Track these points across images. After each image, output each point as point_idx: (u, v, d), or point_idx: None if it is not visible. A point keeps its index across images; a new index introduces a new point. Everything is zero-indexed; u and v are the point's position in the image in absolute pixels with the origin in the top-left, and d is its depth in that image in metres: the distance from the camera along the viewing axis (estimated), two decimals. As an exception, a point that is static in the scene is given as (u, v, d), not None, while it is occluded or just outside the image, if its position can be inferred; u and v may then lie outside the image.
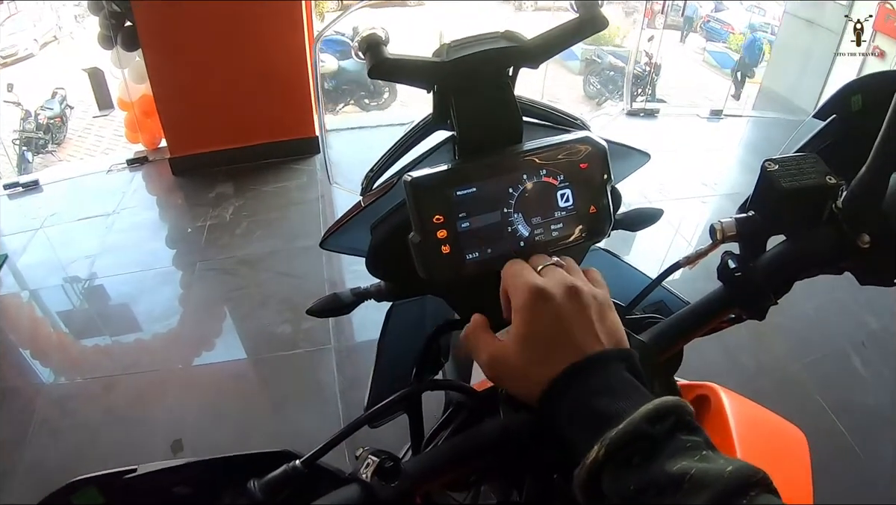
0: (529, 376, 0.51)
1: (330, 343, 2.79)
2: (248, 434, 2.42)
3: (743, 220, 0.62)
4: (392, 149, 0.76)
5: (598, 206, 0.64)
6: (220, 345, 2.98)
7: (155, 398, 2.64)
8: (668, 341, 0.64)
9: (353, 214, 0.74)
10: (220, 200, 4.07)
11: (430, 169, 0.60)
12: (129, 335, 3.07)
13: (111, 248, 3.69)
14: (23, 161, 8.31)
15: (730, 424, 0.78)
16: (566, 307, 0.52)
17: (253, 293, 3.22)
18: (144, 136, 4.95)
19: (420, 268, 0.61)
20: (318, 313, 0.83)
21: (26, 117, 8.72)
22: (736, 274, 0.60)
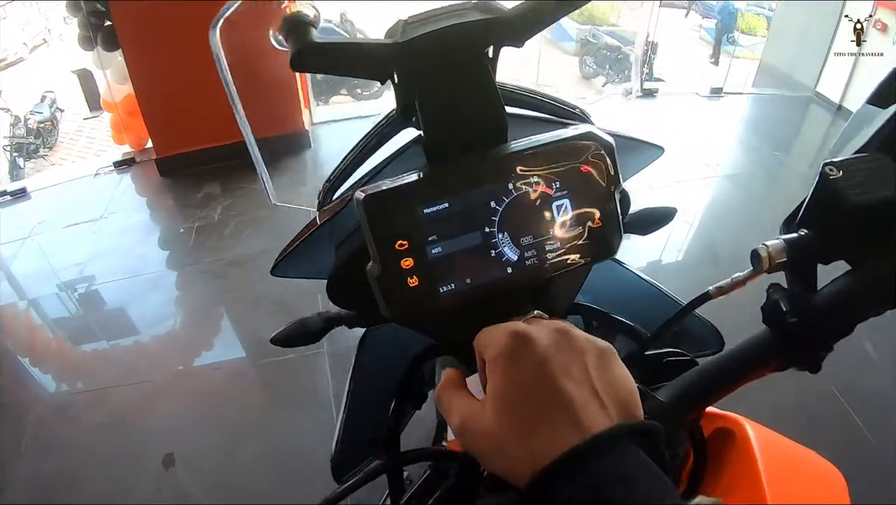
0: (509, 452, 0.39)
1: (323, 347, 2.69)
2: (240, 444, 2.33)
3: (796, 242, 0.48)
4: (353, 152, 0.63)
5: (604, 218, 0.52)
6: (211, 352, 2.89)
7: (145, 409, 2.56)
8: (695, 400, 0.50)
9: (307, 233, 0.61)
10: (208, 201, 3.98)
11: (389, 182, 0.47)
12: (118, 342, 3.01)
13: (99, 255, 3.61)
14: (14, 167, 8.20)
15: (757, 463, 0.67)
16: (555, 354, 0.40)
17: (243, 296, 3.12)
18: (130, 137, 4.82)
19: (382, 305, 0.48)
20: (284, 342, 0.71)
21: (16, 123, 8.60)
22: (790, 320, 0.46)
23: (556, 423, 0.38)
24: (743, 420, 0.74)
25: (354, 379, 0.81)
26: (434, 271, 0.48)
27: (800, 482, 0.72)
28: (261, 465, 2.22)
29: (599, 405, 0.39)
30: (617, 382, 0.41)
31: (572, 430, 0.37)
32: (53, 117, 9.28)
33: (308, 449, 2.21)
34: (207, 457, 2.29)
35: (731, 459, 0.72)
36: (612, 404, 0.39)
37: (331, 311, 0.71)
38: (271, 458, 2.24)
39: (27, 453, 2.39)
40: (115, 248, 3.68)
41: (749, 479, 0.66)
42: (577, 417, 0.37)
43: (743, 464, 0.69)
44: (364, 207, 0.46)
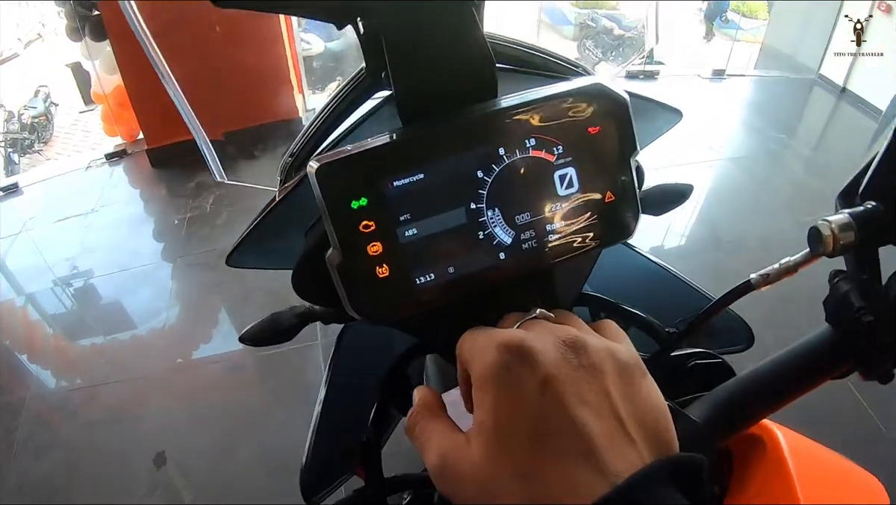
0: (500, 502, 0.29)
1: (317, 339, 2.61)
2: (234, 440, 2.28)
3: (865, 217, 0.37)
4: (318, 120, 0.53)
5: (616, 192, 0.42)
6: (203, 346, 2.83)
7: (136, 406, 2.51)
8: (737, 419, 0.40)
9: (264, 214, 0.52)
10: (200, 190, 3.90)
11: (350, 147, 0.38)
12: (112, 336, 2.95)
13: (92, 249, 3.57)
14: (9, 163, 8.14)
15: (791, 473, 0.59)
16: (565, 373, 0.30)
17: (235, 288, 3.05)
18: (122, 128, 4.74)
19: (346, 301, 0.39)
20: (253, 341, 0.62)
21: (10, 118, 8.53)
22: (864, 318, 0.37)
23: (570, 466, 0.28)
24: (773, 425, 0.66)
25: (331, 382, 0.71)
26: (408, 258, 0.39)
27: (837, 494, 0.64)
28: (255, 462, 2.17)
29: (627, 439, 0.29)
30: (646, 406, 0.31)
31: (594, 474, 0.28)
32: (48, 112, 9.18)
33: (301, 445, 2.14)
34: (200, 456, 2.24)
35: (760, 468, 0.64)
36: (642, 436, 0.30)
37: (305, 305, 0.62)
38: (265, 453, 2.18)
39: (20, 452, 2.35)
40: (107, 241, 3.63)
41: (782, 490, 0.58)
42: (600, 458, 0.28)
43: (774, 473, 0.61)
44: (319, 179, 0.36)
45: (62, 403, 2.59)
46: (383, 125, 0.47)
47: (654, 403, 0.32)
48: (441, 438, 0.34)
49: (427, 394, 0.38)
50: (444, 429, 0.35)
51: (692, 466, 0.29)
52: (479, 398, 0.32)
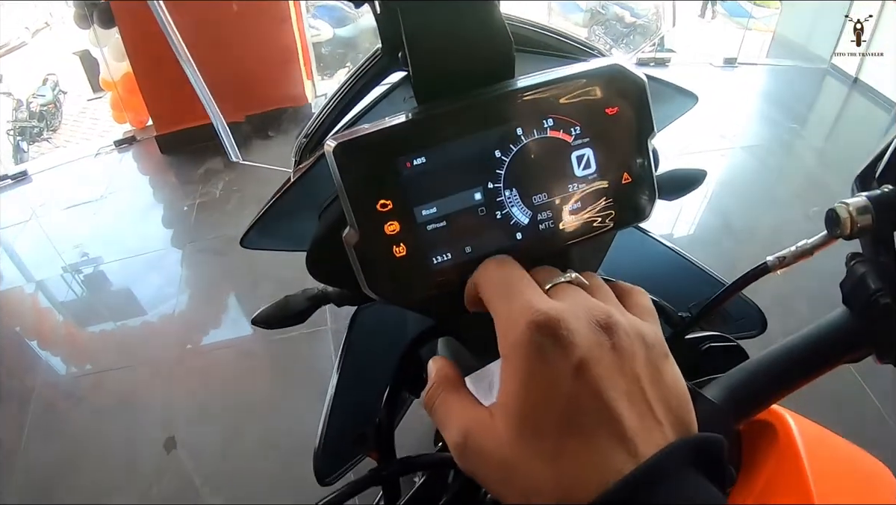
0: (530, 480, 0.29)
1: (326, 324, 2.62)
2: (241, 426, 2.29)
3: (883, 200, 0.37)
4: (333, 101, 0.53)
5: (633, 174, 0.42)
6: (212, 331, 2.84)
7: (147, 390, 2.53)
8: (753, 401, 0.40)
9: (279, 195, 0.52)
10: (209, 176, 3.91)
11: (368, 126, 0.38)
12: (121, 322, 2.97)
13: (101, 235, 3.59)
14: (18, 151, 8.17)
15: (802, 460, 0.59)
16: (599, 356, 0.30)
17: (245, 274, 3.06)
18: (131, 115, 4.76)
19: (362, 280, 0.39)
20: (266, 324, 0.63)
21: (18, 107, 8.55)
22: (881, 300, 0.37)
23: (601, 448, 0.28)
24: (784, 411, 0.66)
25: (343, 365, 0.72)
26: (425, 238, 0.39)
27: (849, 483, 0.63)
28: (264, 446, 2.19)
29: (655, 422, 0.30)
30: (671, 389, 0.32)
31: (624, 456, 0.28)
32: (56, 100, 9.20)
33: (311, 431, 2.15)
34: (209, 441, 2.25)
35: (770, 455, 0.64)
36: (667, 419, 0.30)
37: (317, 288, 0.63)
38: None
39: (30, 436, 2.36)
40: (116, 227, 3.65)
41: (792, 476, 0.58)
42: (630, 441, 0.28)
43: (785, 460, 0.61)
44: (336, 158, 0.36)
45: (72, 388, 2.61)
46: (399, 106, 0.46)
47: (678, 385, 0.32)
48: (463, 412, 0.33)
49: (445, 365, 0.37)
50: (465, 403, 0.34)
51: (712, 446, 0.29)
52: (509, 372, 0.31)
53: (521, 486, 0.29)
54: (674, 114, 0.62)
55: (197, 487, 2.08)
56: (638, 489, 0.26)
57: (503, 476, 0.30)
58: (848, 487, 0.64)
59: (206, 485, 2.08)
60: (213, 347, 2.74)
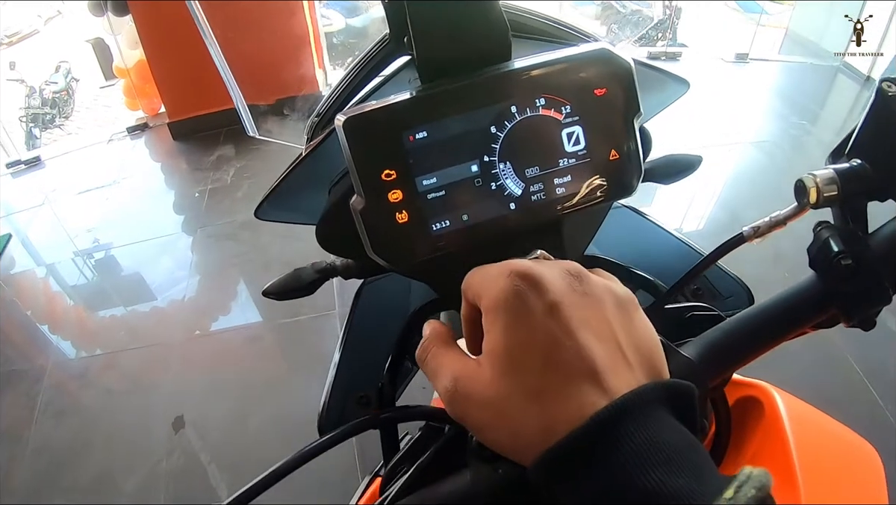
0: (514, 421, 0.32)
1: (334, 308, 2.66)
2: (248, 407, 2.33)
3: (848, 172, 0.40)
4: (343, 82, 0.56)
5: (620, 151, 0.45)
6: (222, 314, 2.89)
7: (157, 372, 2.57)
8: (727, 359, 0.42)
9: (291, 168, 0.56)
10: (220, 163, 3.95)
11: (374, 103, 0.41)
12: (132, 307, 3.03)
13: (113, 220, 3.63)
14: (30, 138, 8.22)
15: (787, 435, 0.61)
16: (571, 301, 0.32)
17: (255, 258, 3.11)
18: (143, 102, 4.80)
19: (368, 244, 0.43)
20: (277, 295, 0.66)
21: (31, 94, 8.59)
22: (843, 261, 0.39)
23: (577, 384, 0.30)
24: (771, 388, 0.68)
25: (348, 334, 0.75)
26: (425, 206, 0.42)
27: (832, 458, 0.66)
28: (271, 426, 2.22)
29: (625, 364, 0.32)
30: (641, 337, 0.34)
31: (597, 392, 0.30)
32: (69, 87, 9.24)
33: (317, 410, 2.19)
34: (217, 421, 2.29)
35: (757, 431, 0.66)
36: (638, 363, 0.32)
37: (325, 261, 0.66)
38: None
39: (41, 418, 2.41)
40: (128, 212, 3.69)
41: (777, 452, 0.61)
42: (603, 378, 0.30)
43: (771, 436, 0.63)
44: (345, 132, 0.40)
45: (82, 370, 2.65)
46: (404, 87, 0.50)
47: (648, 334, 0.35)
48: (453, 363, 0.35)
49: (438, 325, 0.39)
50: (455, 355, 0.36)
51: (684, 392, 0.32)
52: (491, 323, 0.33)
53: (508, 424, 0.32)
54: (667, 99, 0.65)
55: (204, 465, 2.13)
56: (608, 424, 0.28)
57: (490, 417, 0.33)
58: (832, 464, 0.66)
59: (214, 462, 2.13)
60: (222, 331, 2.78)
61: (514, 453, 0.32)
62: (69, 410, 2.44)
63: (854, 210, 0.41)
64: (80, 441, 2.29)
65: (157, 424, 2.29)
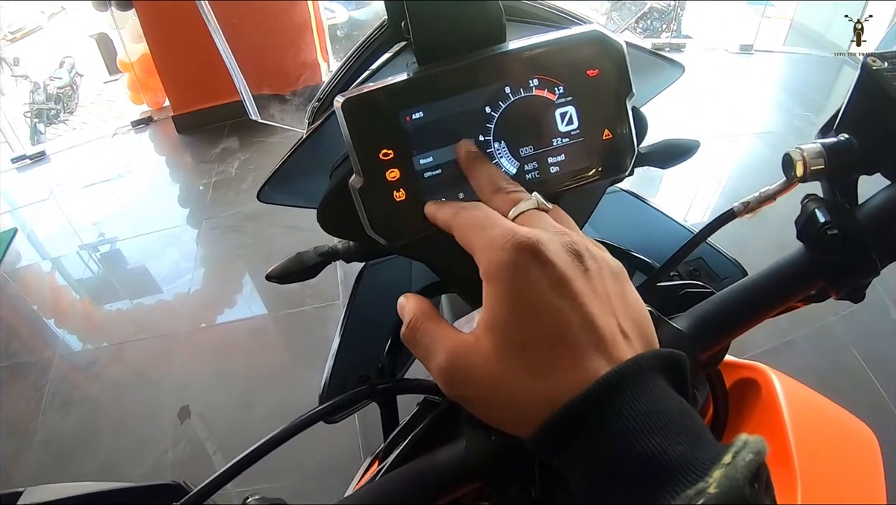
0: (517, 395, 0.31)
1: (339, 298, 2.67)
2: (255, 397, 2.35)
3: (834, 146, 0.41)
4: (343, 67, 0.58)
5: (614, 131, 0.46)
6: (227, 305, 2.90)
7: (163, 363, 2.60)
8: (718, 331, 0.43)
9: (293, 151, 0.57)
10: (225, 156, 3.96)
11: (372, 85, 0.42)
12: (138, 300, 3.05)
13: (118, 213, 3.65)
14: (35, 133, 8.24)
15: (783, 416, 0.62)
16: (574, 272, 0.33)
17: (259, 249, 3.13)
18: (148, 96, 4.81)
19: (366, 222, 0.44)
20: (279, 278, 0.67)
21: (35, 89, 8.61)
22: (829, 231, 0.40)
23: (583, 356, 0.31)
24: (769, 370, 0.69)
25: (349, 316, 0.77)
26: (422, 184, 0.43)
27: (828, 439, 0.67)
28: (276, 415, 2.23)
29: (622, 335, 0.32)
30: (634, 308, 0.35)
31: (601, 361, 0.30)
32: (73, 82, 9.24)
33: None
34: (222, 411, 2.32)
35: (754, 412, 0.67)
36: (633, 333, 0.33)
37: (327, 245, 0.67)
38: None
39: (48, 409, 2.43)
40: (133, 206, 3.71)
41: (774, 432, 0.62)
42: (606, 348, 0.31)
43: (767, 417, 0.64)
44: (344, 113, 0.41)
45: (88, 362, 2.68)
46: (402, 69, 0.51)
47: (640, 306, 0.35)
48: (446, 339, 0.35)
49: (420, 300, 0.38)
50: (448, 330, 0.35)
51: (677, 361, 0.32)
52: (491, 295, 0.33)
53: (509, 399, 0.32)
54: (663, 83, 0.66)
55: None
56: (610, 390, 0.29)
57: (492, 393, 0.32)
58: (828, 444, 0.67)
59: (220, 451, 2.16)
60: (228, 322, 2.80)
61: (513, 427, 0.33)
62: (76, 401, 2.47)
63: (843, 184, 0.42)
64: (86, 431, 2.32)
65: (163, 415, 2.31)
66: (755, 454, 0.26)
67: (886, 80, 0.39)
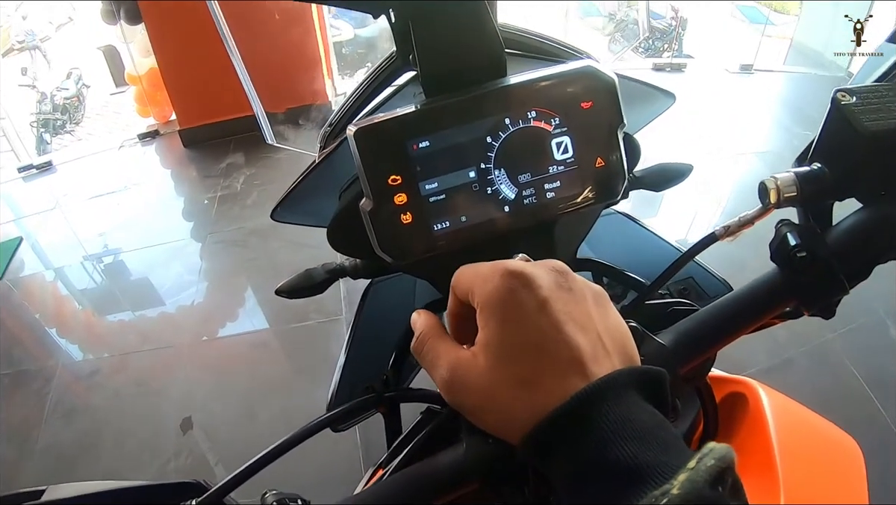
0: (507, 405, 0.36)
1: (341, 314, 2.69)
2: (257, 410, 2.36)
3: (806, 175, 0.45)
4: (353, 95, 0.61)
5: (606, 159, 0.50)
6: (231, 319, 2.91)
7: (167, 375, 2.61)
8: (698, 346, 0.46)
9: (306, 174, 0.60)
10: (231, 171, 3.99)
11: (382, 115, 0.46)
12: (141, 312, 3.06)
13: (123, 225, 3.67)
14: (41, 143, 8.29)
15: (769, 430, 0.65)
16: (558, 297, 0.36)
17: (263, 264, 3.15)
18: (155, 110, 4.86)
19: (375, 242, 0.47)
20: (289, 294, 0.70)
21: (42, 99, 8.68)
22: (798, 254, 0.43)
23: (563, 371, 0.34)
24: (757, 385, 0.71)
25: (355, 331, 0.80)
26: (428, 208, 0.47)
27: (814, 453, 0.69)
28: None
29: (604, 352, 0.36)
30: (615, 327, 0.38)
31: (580, 378, 0.34)
32: (79, 93, 9.32)
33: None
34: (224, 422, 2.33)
35: (743, 423, 0.69)
36: (615, 350, 0.36)
37: (334, 262, 0.70)
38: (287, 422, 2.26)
39: (50, 420, 2.44)
40: (138, 218, 3.72)
41: (759, 446, 0.64)
42: (585, 365, 0.34)
43: (754, 428, 0.67)
44: (356, 141, 0.45)
45: (91, 372, 2.69)
46: (409, 100, 0.54)
47: (621, 325, 0.39)
48: (450, 354, 0.39)
49: (430, 317, 0.43)
50: (451, 346, 0.40)
51: (655, 376, 0.36)
52: (486, 319, 0.37)
53: (499, 408, 0.36)
54: (654, 113, 0.69)
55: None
56: (586, 403, 0.32)
57: (484, 402, 0.36)
58: (812, 456, 0.69)
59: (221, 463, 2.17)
60: (231, 336, 2.81)
61: (504, 433, 0.36)
62: (78, 410, 2.48)
63: (816, 209, 0.46)
64: (88, 440, 2.33)
65: (165, 425, 2.32)
66: (717, 460, 0.29)
67: (854, 114, 0.42)
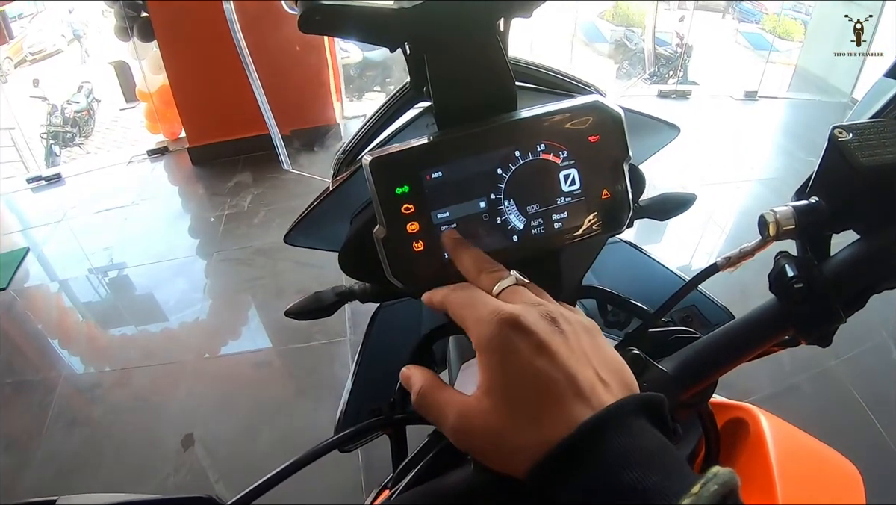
0: (515, 443, 0.37)
1: (345, 335, 2.70)
2: (258, 429, 2.36)
3: (804, 209, 0.47)
4: (367, 124, 0.63)
5: (612, 191, 0.51)
6: (235, 337, 2.92)
7: (169, 391, 2.61)
8: (699, 373, 0.48)
9: (319, 200, 0.62)
10: (238, 189, 4.02)
11: (397, 146, 0.48)
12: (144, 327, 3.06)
13: (129, 240, 3.69)
14: (50, 155, 8.38)
15: (769, 456, 0.65)
16: (551, 336, 0.39)
17: (269, 284, 3.16)
18: (164, 126, 4.92)
19: (387, 269, 0.49)
20: (298, 315, 0.72)
21: (52, 112, 8.78)
22: (796, 285, 0.45)
23: (567, 405, 0.36)
24: (758, 411, 0.72)
25: (363, 354, 0.82)
26: (439, 236, 0.48)
27: (813, 478, 0.70)
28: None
29: (602, 383, 0.38)
30: (610, 358, 0.40)
31: (585, 408, 0.36)
32: (90, 107, 9.45)
33: (325, 431, 2.22)
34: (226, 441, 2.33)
35: (744, 449, 0.70)
36: (613, 380, 0.39)
37: (344, 286, 0.72)
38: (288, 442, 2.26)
39: (50, 431, 2.44)
40: (145, 233, 3.75)
41: (760, 472, 0.65)
42: (587, 396, 0.36)
43: (754, 456, 0.67)
44: (371, 170, 0.46)
45: (93, 384, 2.70)
46: (422, 131, 0.56)
47: (615, 356, 0.41)
48: (453, 403, 0.41)
49: (423, 371, 0.44)
50: (453, 396, 0.41)
51: (655, 402, 0.37)
52: (485, 361, 0.39)
53: (508, 446, 0.37)
54: (659, 144, 0.71)
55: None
56: (592, 431, 0.34)
57: (494, 445, 0.38)
58: (814, 485, 0.70)
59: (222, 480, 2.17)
60: (234, 354, 2.82)
61: (514, 469, 0.37)
62: (79, 422, 2.49)
63: (814, 241, 0.47)
64: (89, 451, 2.33)
65: (166, 441, 2.33)
66: (721, 485, 0.30)
67: (850, 151, 0.44)
